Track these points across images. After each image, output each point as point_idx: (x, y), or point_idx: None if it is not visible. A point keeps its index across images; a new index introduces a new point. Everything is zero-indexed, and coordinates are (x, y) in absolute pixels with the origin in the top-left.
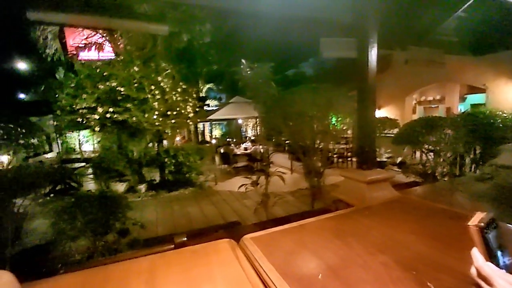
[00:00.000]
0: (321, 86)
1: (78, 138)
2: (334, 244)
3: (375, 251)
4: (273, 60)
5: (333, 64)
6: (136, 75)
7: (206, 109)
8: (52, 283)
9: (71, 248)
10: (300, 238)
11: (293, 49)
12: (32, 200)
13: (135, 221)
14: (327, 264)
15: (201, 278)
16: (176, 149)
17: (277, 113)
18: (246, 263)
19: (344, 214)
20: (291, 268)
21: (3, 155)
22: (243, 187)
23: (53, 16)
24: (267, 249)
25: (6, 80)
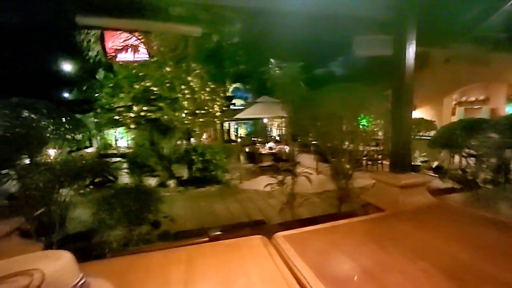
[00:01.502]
0: (351, 85)
1: (114, 134)
2: (368, 248)
3: (413, 257)
4: (301, 60)
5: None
6: (168, 76)
7: (232, 108)
8: (102, 265)
9: (109, 236)
10: (333, 239)
11: (322, 48)
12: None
13: (165, 214)
14: (362, 267)
15: (236, 271)
16: (204, 147)
17: (305, 113)
18: (279, 260)
19: (377, 218)
20: (325, 268)
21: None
22: (268, 187)
23: (98, 20)
24: (299, 247)
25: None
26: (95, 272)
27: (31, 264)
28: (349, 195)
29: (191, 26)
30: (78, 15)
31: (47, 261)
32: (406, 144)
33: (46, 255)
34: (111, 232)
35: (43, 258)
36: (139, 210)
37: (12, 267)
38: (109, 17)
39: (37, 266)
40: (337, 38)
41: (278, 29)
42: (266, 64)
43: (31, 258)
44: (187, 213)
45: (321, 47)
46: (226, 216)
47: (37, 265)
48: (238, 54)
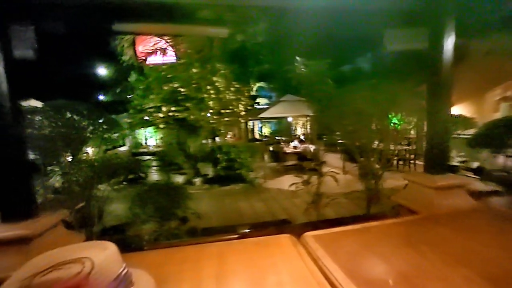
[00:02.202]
0: (381, 82)
1: (144, 134)
2: (403, 251)
3: (454, 264)
4: (327, 57)
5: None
6: (194, 76)
7: (256, 107)
8: (139, 257)
9: (142, 229)
10: (364, 241)
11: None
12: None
13: (193, 210)
14: (397, 270)
15: (266, 268)
16: (229, 146)
17: (332, 112)
18: (308, 260)
19: (412, 221)
20: (357, 270)
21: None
22: (293, 186)
23: (131, 26)
24: (329, 248)
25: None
26: (133, 263)
27: (81, 253)
28: (379, 196)
29: (218, 27)
30: (114, 22)
31: (95, 250)
32: (443, 143)
33: (94, 245)
34: (144, 226)
35: (92, 247)
36: (169, 206)
37: (65, 255)
38: (141, 23)
39: (87, 255)
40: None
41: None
42: (291, 62)
43: (81, 248)
44: (212, 210)
45: (348, 43)
46: (251, 214)
47: (87, 254)
48: (262, 53)
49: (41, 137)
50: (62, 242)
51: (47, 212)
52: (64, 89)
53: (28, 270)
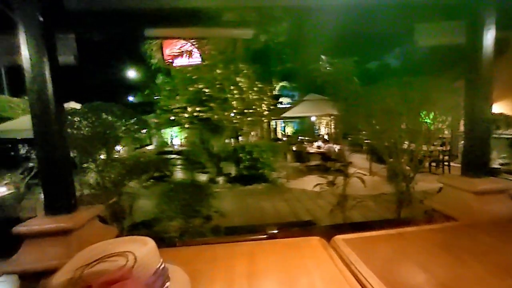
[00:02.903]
0: (413, 79)
1: (170, 133)
2: (443, 259)
3: (501, 274)
4: (352, 54)
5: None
6: (218, 77)
7: (279, 106)
8: (173, 252)
9: (169, 226)
10: (401, 247)
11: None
12: (140, 183)
13: (216, 209)
14: (437, 279)
15: (297, 270)
16: (251, 145)
17: (359, 111)
18: (340, 264)
19: (450, 227)
20: (394, 276)
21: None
22: (318, 187)
23: (160, 31)
24: (362, 253)
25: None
26: (167, 258)
27: (124, 247)
28: (410, 199)
29: (242, 29)
30: (145, 28)
31: (136, 245)
32: (483, 144)
33: (135, 240)
34: (170, 222)
35: (133, 242)
36: (194, 203)
37: (110, 249)
38: (169, 27)
39: (129, 249)
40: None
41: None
42: (315, 61)
43: (123, 242)
44: (235, 209)
45: (375, 39)
46: (274, 214)
47: (129, 248)
48: (285, 53)
49: (79, 137)
50: (98, 234)
51: (84, 207)
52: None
53: (78, 261)
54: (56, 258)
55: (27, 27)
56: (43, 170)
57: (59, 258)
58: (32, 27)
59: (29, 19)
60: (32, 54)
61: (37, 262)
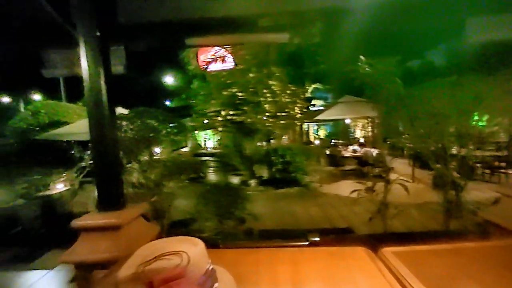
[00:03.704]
0: (462, 79)
1: (204, 136)
2: None
3: None
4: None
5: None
6: (251, 81)
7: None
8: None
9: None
10: (459, 264)
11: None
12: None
13: (249, 211)
14: None
15: (344, 281)
16: (284, 148)
17: (401, 113)
18: (391, 278)
19: None
20: None
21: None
22: (355, 193)
23: (199, 40)
24: (415, 267)
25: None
26: (211, 259)
27: (177, 246)
28: (460, 210)
29: (278, 33)
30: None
31: (188, 245)
32: None
33: (186, 240)
34: (206, 223)
35: (184, 242)
36: (228, 205)
37: (164, 247)
38: (206, 36)
39: (181, 248)
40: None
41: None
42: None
43: (176, 241)
44: (267, 213)
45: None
46: (307, 219)
47: (181, 248)
48: (319, 54)
49: (126, 139)
50: (142, 231)
51: (131, 205)
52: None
53: (138, 257)
54: (106, 251)
55: (86, 42)
56: (97, 170)
57: (110, 251)
58: (91, 42)
59: (88, 34)
60: (90, 65)
61: (91, 254)
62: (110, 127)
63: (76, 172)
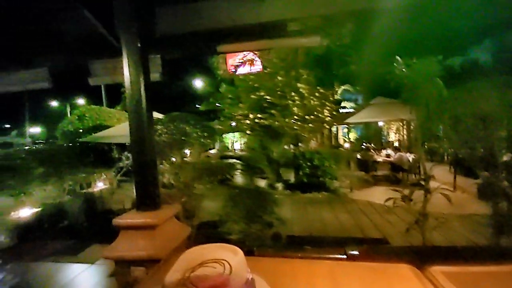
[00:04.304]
0: None
1: (231, 138)
2: None
3: None
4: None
5: None
6: (279, 84)
7: (341, 111)
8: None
9: (233, 228)
10: None
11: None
12: (206, 185)
13: (277, 216)
14: None
15: None
16: (312, 152)
17: (443, 116)
18: None
19: None
20: None
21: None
22: (390, 201)
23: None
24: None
25: (192, 95)
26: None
27: (218, 254)
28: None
29: (310, 37)
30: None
31: (228, 253)
32: None
33: (225, 248)
34: (234, 225)
35: (224, 250)
36: (256, 209)
37: (205, 254)
38: (239, 43)
39: (223, 257)
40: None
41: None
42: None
43: (216, 248)
44: (294, 217)
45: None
46: (336, 226)
47: (222, 256)
48: (348, 55)
49: (160, 142)
50: (175, 231)
51: (166, 205)
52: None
53: (182, 263)
54: (143, 249)
55: (128, 52)
56: (137, 172)
57: (146, 249)
58: (132, 52)
59: (130, 45)
60: (132, 74)
61: (129, 251)
62: (148, 131)
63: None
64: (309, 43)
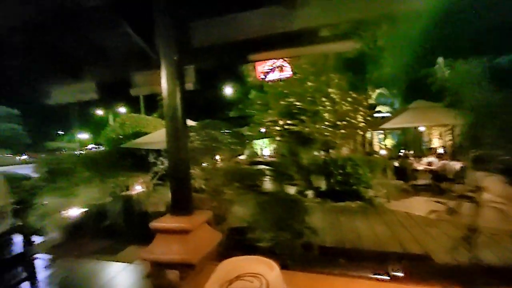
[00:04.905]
0: None
1: (260, 144)
2: None
3: None
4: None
5: None
6: (309, 90)
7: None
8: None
9: (261, 236)
10: None
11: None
12: (235, 191)
13: (307, 225)
14: None
15: None
16: (344, 159)
17: (495, 121)
18: None
19: None
20: None
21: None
22: (434, 214)
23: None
24: None
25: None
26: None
27: (254, 267)
28: None
29: (342, 42)
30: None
31: (264, 267)
32: None
33: (262, 261)
34: (263, 233)
35: (260, 263)
36: (286, 217)
37: (242, 266)
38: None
39: (259, 271)
40: None
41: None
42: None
43: (252, 261)
44: (326, 227)
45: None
46: (372, 239)
47: (258, 270)
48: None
49: (193, 149)
50: (207, 237)
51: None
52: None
53: (220, 274)
54: (177, 253)
55: (166, 65)
56: (172, 177)
57: (180, 253)
58: (170, 64)
59: (168, 58)
60: (169, 84)
61: (164, 254)
62: (183, 138)
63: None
64: (341, 48)
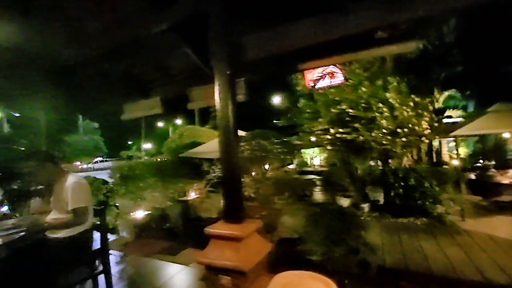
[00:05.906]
0: None
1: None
2: None
3: None
4: None
5: None
6: (363, 96)
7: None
8: None
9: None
10: None
11: None
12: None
13: (364, 241)
14: None
15: None
16: (406, 170)
17: None
18: None
19: None
20: None
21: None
22: None
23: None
24: None
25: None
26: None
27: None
28: None
29: (402, 43)
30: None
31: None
32: None
33: (317, 278)
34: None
35: (316, 280)
36: (340, 231)
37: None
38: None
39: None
40: None
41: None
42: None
43: (307, 278)
44: (385, 245)
45: None
46: (441, 261)
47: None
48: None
49: (243, 158)
50: (257, 246)
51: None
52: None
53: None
54: (229, 259)
55: (219, 79)
56: (225, 185)
57: (232, 260)
58: (223, 79)
59: (221, 73)
60: (222, 98)
61: (217, 259)
62: (235, 148)
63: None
64: (401, 49)
